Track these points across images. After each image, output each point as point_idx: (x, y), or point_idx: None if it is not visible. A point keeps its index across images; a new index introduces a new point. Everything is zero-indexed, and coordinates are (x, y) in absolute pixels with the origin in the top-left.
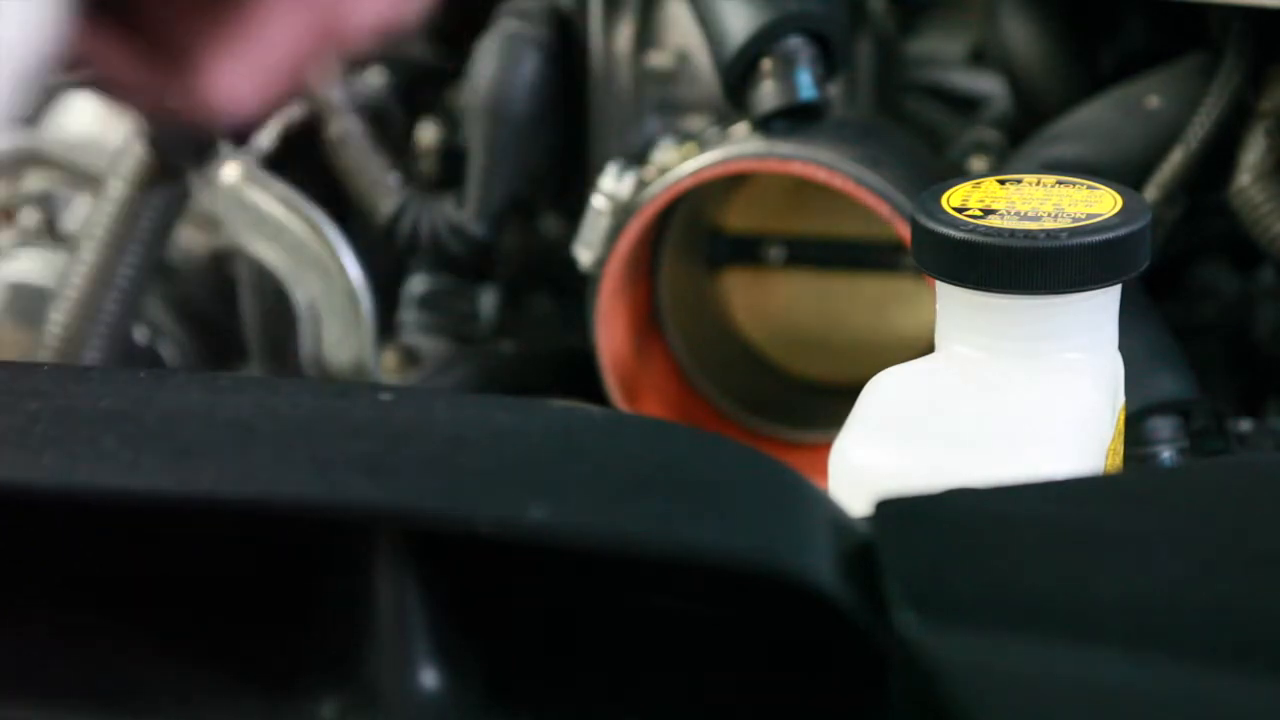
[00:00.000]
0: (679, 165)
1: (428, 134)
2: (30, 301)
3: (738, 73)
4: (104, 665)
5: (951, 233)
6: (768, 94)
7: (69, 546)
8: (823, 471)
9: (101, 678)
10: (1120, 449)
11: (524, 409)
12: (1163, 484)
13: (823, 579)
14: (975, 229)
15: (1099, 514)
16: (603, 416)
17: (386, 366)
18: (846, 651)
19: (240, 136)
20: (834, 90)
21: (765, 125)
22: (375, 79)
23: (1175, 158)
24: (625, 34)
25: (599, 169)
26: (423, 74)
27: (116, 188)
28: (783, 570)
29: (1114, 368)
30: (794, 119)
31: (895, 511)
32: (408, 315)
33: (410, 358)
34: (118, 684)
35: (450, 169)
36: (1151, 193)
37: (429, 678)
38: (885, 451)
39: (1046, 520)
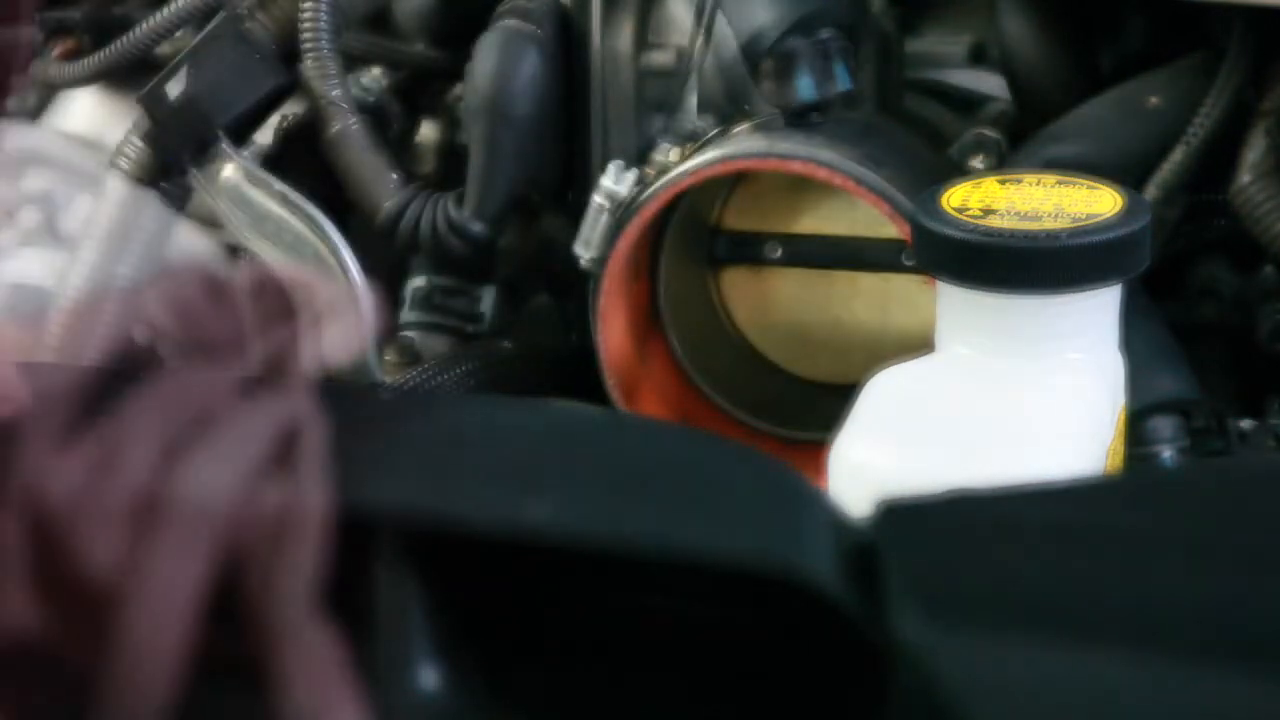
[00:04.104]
0: (679, 165)
1: (428, 133)
2: (30, 301)
3: (771, 66)
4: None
5: (952, 232)
6: (805, 86)
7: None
8: (823, 471)
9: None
10: (1121, 449)
11: (524, 409)
12: (1163, 484)
13: (823, 579)
14: (975, 229)
15: (1100, 515)
16: (603, 416)
17: (386, 366)
18: (846, 651)
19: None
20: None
21: (801, 117)
22: (375, 78)
23: (1176, 157)
24: (625, 33)
25: (599, 169)
26: (423, 73)
27: (116, 187)
28: (782, 570)
29: (1115, 367)
30: (827, 110)
31: (896, 512)
32: (408, 314)
33: (410, 357)
34: None
35: (451, 168)
36: (1152, 192)
37: (429, 678)
38: (884, 451)
39: (1047, 521)
